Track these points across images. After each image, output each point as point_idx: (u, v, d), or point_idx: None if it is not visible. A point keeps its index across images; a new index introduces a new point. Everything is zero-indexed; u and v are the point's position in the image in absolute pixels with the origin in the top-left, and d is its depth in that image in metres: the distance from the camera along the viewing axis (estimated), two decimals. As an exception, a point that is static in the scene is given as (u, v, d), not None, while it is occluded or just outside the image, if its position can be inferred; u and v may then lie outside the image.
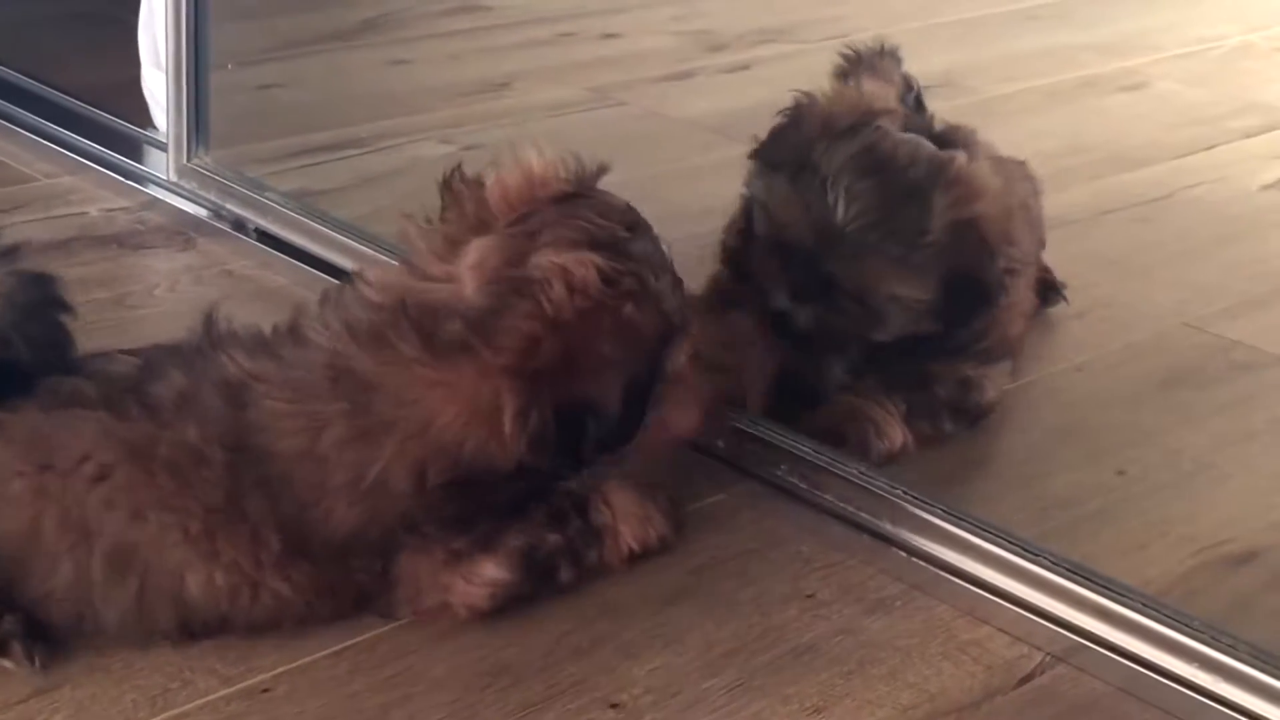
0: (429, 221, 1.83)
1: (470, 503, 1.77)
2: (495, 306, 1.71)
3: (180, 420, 1.73)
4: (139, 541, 1.71)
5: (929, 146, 2.18)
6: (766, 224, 2.18)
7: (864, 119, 2.19)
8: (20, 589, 1.72)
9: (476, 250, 1.75)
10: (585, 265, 1.71)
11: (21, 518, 1.71)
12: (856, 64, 2.48)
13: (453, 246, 1.78)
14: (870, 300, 2.14)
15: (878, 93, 2.29)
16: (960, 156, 2.17)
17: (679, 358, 1.83)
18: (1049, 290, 2.61)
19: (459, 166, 1.85)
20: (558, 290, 1.70)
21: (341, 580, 1.79)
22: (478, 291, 1.73)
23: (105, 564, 1.71)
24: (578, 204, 1.79)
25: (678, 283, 1.84)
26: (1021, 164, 2.56)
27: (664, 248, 1.85)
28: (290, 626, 1.79)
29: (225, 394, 1.74)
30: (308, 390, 1.74)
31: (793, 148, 2.20)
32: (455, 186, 1.83)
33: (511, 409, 1.68)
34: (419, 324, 1.71)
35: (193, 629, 1.76)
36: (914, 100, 2.48)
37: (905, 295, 2.13)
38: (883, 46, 2.53)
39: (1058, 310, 2.63)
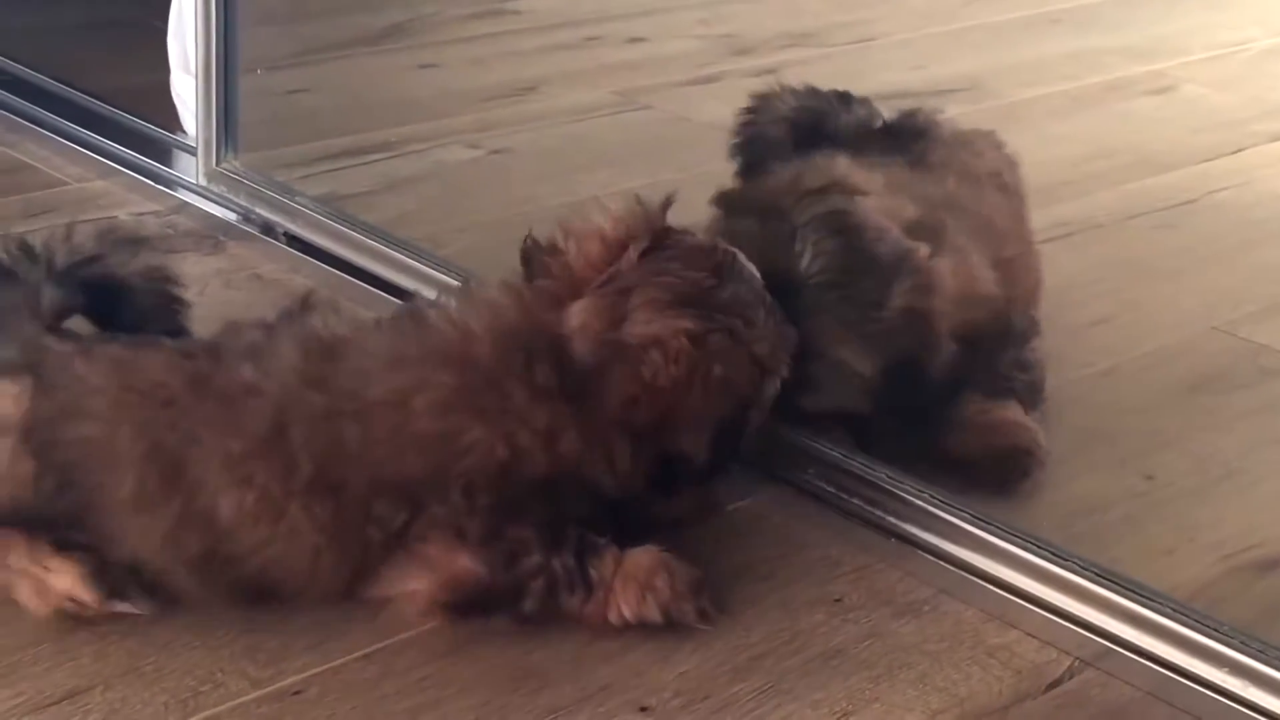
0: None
1: (540, 501, 1.83)
2: (601, 367, 1.83)
3: (239, 363, 1.84)
4: (189, 459, 1.79)
5: (896, 231, 2.17)
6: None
7: (835, 185, 2.20)
8: (94, 509, 1.79)
9: (578, 314, 1.85)
10: (677, 335, 1.82)
11: (101, 427, 1.80)
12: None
13: (556, 301, 1.87)
14: (812, 361, 2.10)
15: (853, 174, 2.28)
16: (924, 249, 2.16)
17: (769, 394, 1.93)
18: None
19: (531, 236, 1.94)
20: (654, 358, 1.82)
21: (355, 530, 1.80)
22: (585, 351, 1.84)
23: (159, 478, 1.78)
24: (660, 256, 1.88)
25: (771, 313, 1.91)
26: (989, 134, 2.56)
27: (754, 276, 1.92)
28: (298, 580, 1.81)
29: (307, 348, 1.85)
30: (417, 360, 1.84)
31: (762, 195, 2.22)
32: (537, 259, 1.91)
33: (620, 457, 1.84)
34: (555, 362, 1.83)
35: (212, 564, 1.80)
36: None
37: (848, 364, 2.12)
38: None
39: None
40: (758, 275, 1.93)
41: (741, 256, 1.93)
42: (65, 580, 1.80)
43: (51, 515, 1.80)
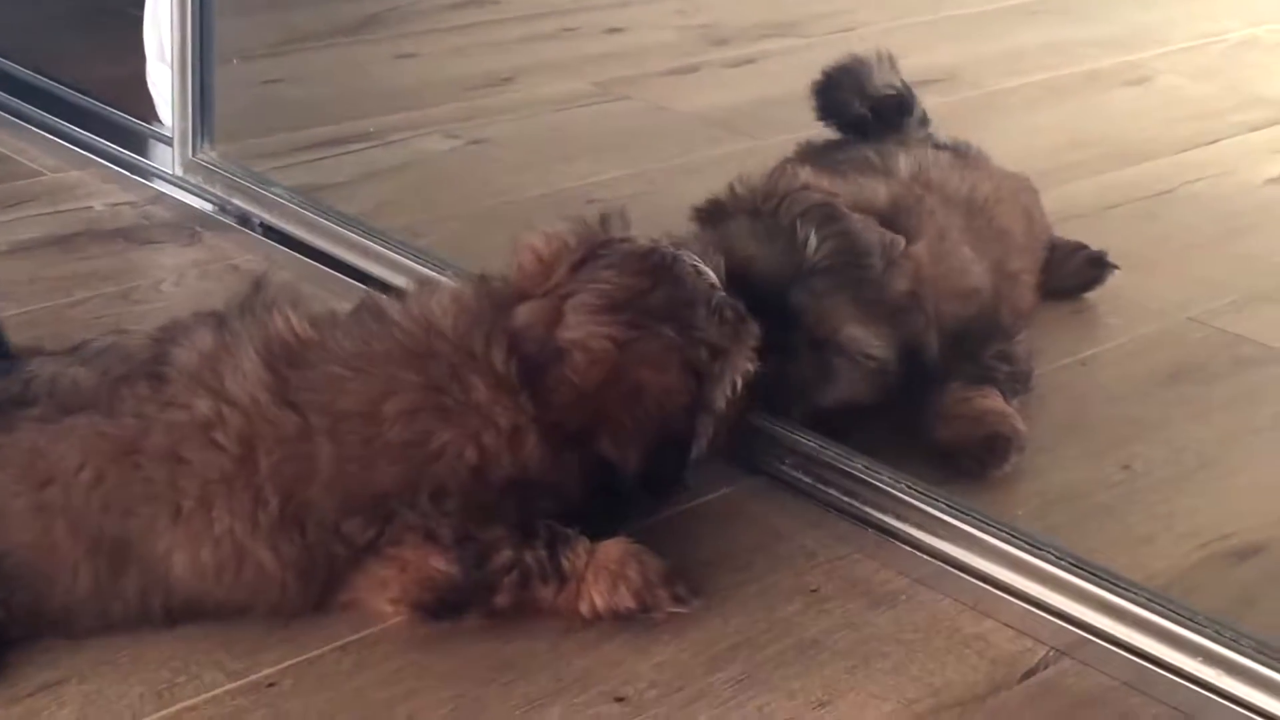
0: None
1: (509, 501, 1.82)
2: (540, 369, 1.83)
3: (191, 392, 1.77)
4: (130, 535, 1.74)
5: (875, 224, 2.21)
6: (726, 263, 2.12)
7: (805, 187, 2.23)
8: (46, 605, 1.74)
9: (522, 315, 1.87)
10: (597, 338, 1.83)
11: (32, 534, 1.73)
12: None
13: (509, 301, 1.89)
14: (829, 346, 2.13)
15: (814, 180, 2.30)
16: (902, 240, 2.20)
17: (723, 389, 1.90)
18: (1096, 264, 2.67)
19: (482, 274, 1.96)
20: (577, 361, 1.82)
21: (321, 551, 1.79)
22: (532, 349, 1.84)
23: (109, 562, 1.74)
24: (594, 265, 1.89)
25: (718, 312, 1.89)
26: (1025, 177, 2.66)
27: (698, 270, 1.91)
28: (264, 608, 1.80)
29: (271, 354, 1.80)
30: (384, 359, 1.82)
31: (741, 200, 2.23)
32: (486, 282, 1.93)
33: (568, 461, 1.84)
34: (511, 348, 1.84)
35: (175, 614, 1.78)
36: None
37: (865, 345, 2.14)
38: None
39: (1063, 306, 2.63)
40: (709, 275, 1.92)
41: (687, 258, 1.92)
42: None
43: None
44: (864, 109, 2.66)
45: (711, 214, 2.25)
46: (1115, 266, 2.66)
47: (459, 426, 1.80)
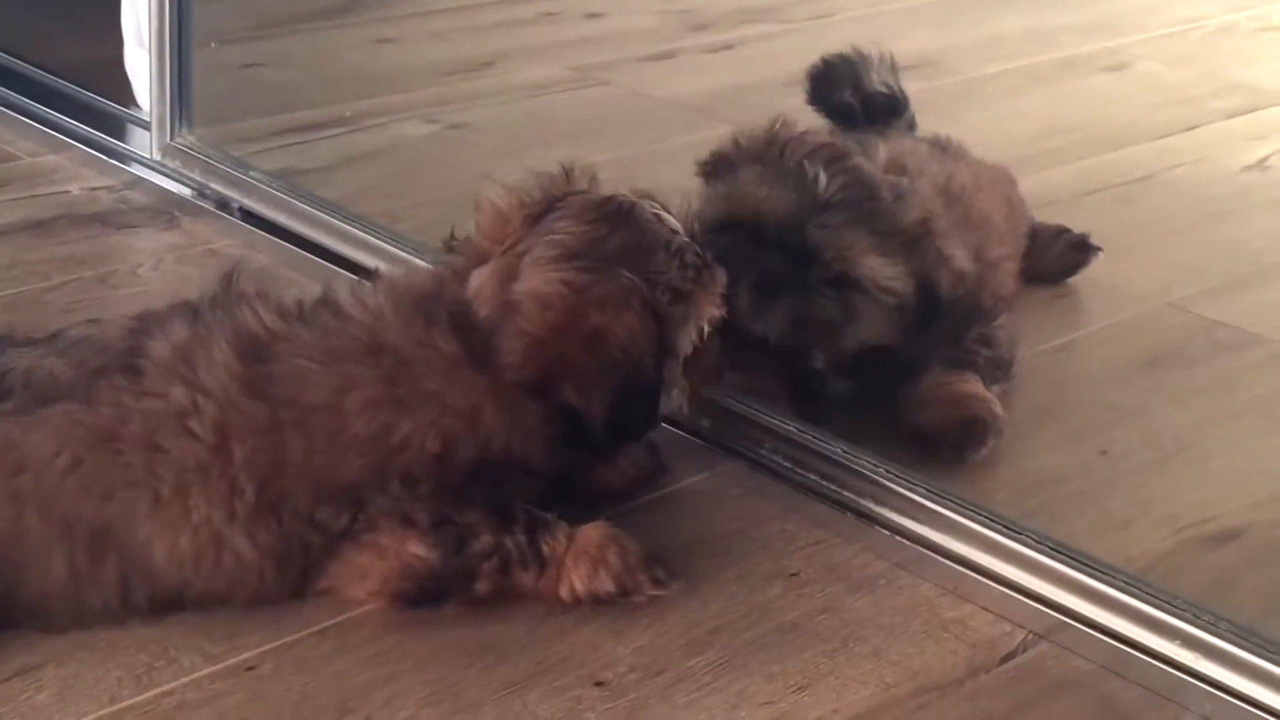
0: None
1: (478, 481, 1.81)
2: (495, 326, 1.82)
3: (166, 382, 1.77)
4: (111, 521, 1.74)
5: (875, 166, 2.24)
6: (737, 211, 2.17)
7: (805, 132, 2.25)
8: (19, 594, 1.73)
9: (476, 279, 1.86)
10: (550, 282, 1.81)
11: (4, 520, 1.72)
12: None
13: (464, 275, 1.88)
14: (848, 281, 2.14)
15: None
16: (905, 179, 2.23)
17: (687, 332, 1.89)
18: (1079, 249, 2.68)
19: (452, 231, 1.96)
20: (529, 309, 1.81)
21: (298, 539, 1.79)
22: (483, 314, 1.83)
23: (87, 549, 1.73)
24: (549, 218, 1.87)
25: (679, 252, 1.87)
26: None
27: (659, 217, 1.89)
28: (242, 596, 1.79)
29: (241, 347, 1.80)
30: (341, 355, 1.81)
31: (742, 154, 2.23)
32: (452, 246, 1.95)
33: (531, 419, 1.82)
34: (454, 325, 1.82)
35: (158, 602, 1.77)
36: None
37: (882, 275, 2.15)
38: None
39: (1041, 291, 2.64)
40: (670, 221, 1.90)
41: (647, 205, 1.90)
42: None
43: None
44: (854, 101, 2.67)
45: (716, 166, 2.25)
46: (1099, 249, 2.67)
47: (416, 417, 1.79)
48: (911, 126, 2.70)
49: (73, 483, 1.73)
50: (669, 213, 1.91)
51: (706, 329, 1.91)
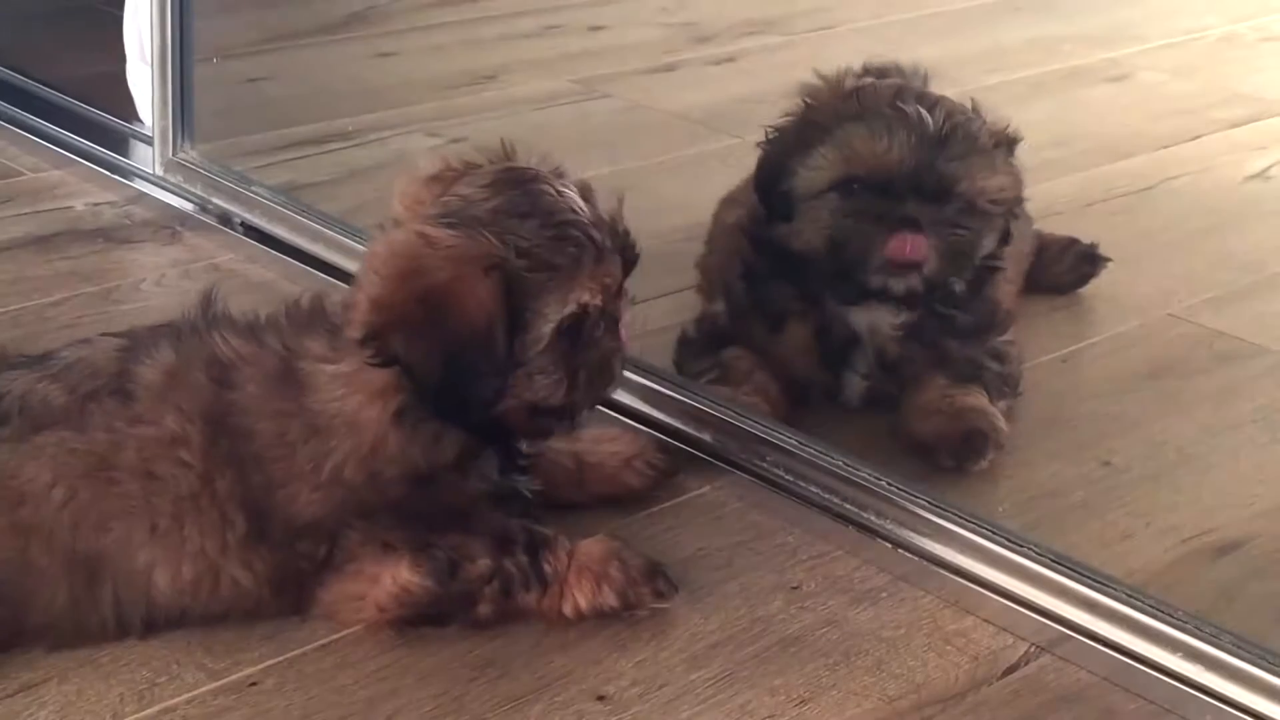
0: None
1: (426, 500, 1.79)
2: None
3: (158, 408, 1.77)
4: (107, 549, 1.74)
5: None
6: (855, 170, 2.17)
7: (862, 75, 2.30)
8: (27, 619, 1.74)
9: (371, 245, 1.82)
10: (408, 234, 1.75)
11: (11, 551, 1.73)
12: None
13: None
14: (980, 202, 2.18)
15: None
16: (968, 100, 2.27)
17: (545, 307, 1.75)
18: (1089, 260, 2.69)
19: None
20: (381, 255, 1.75)
21: (289, 567, 1.79)
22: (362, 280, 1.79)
23: (84, 578, 1.74)
24: (453, 184, 1.81)
25: (561, 225, 1.76)
26: None
27: (559, 191, 1.79)
28: (240, 616, 1.80)
29: (212, 373, 1.79)
30: (273, 385, 1.79)
31: (814, 121, 2.24)
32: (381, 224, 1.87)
33: (377, 381, 1.76)
34: (330, 322, 1.79)
35: (156, 625, 1.78)
36: None
37: (1007, 189, 2.21)
38: None
39: (1043, 302, 2.64)
40: (567, 198, 1.78)
41: (553, 181, 1.80)
42: None
43: None
44: None
45: (807, 132, 2.23)
46: (1108, 259, 2.67)
47: (333, 441, 1.76)
48: None
49: (68, 515, 1.74)
50: (582, 196, 1.80)
51: (578, 311, 1.77)
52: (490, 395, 1.76)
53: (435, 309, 1.71)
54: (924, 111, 2.16)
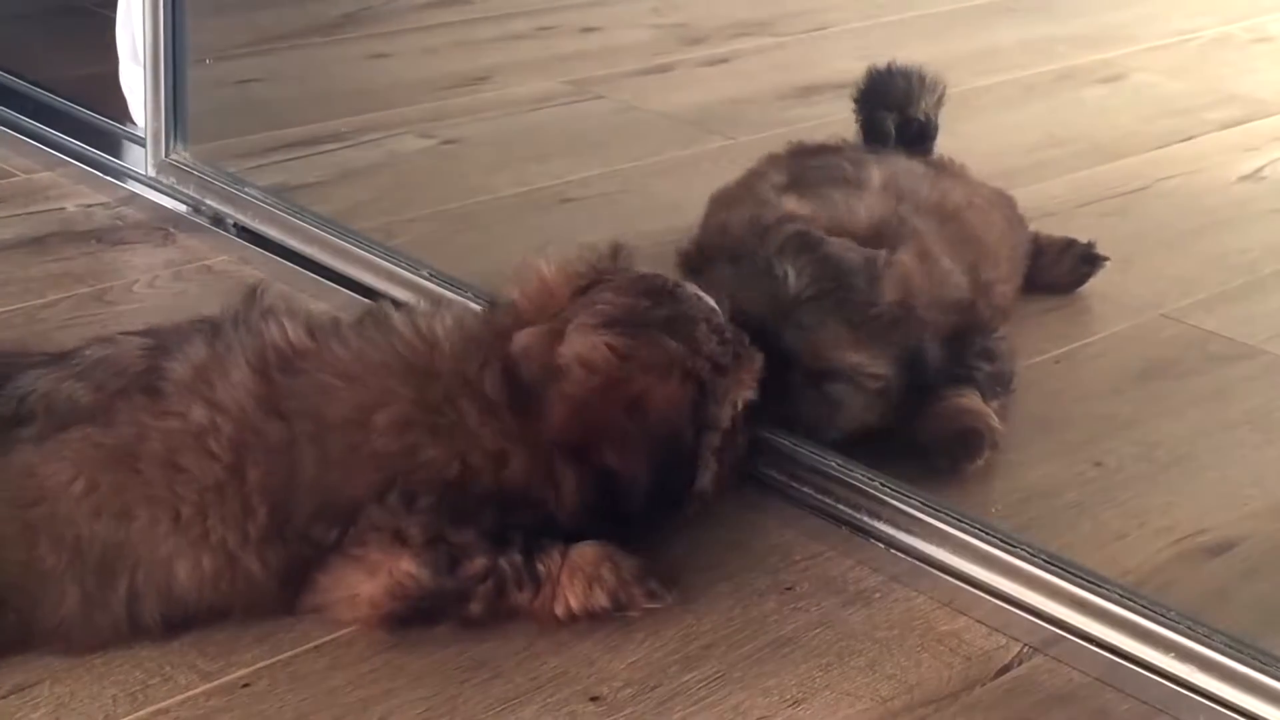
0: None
1: (488, 511, 1.82)
2: (539, 386, 1.84)
3: (186, 401, 1.78)
4: (127, 539, 1.74)
5: (853, 243, 2.22)
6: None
7: (783, 219, 2.25)
8: (36, 623, 1.74)
9: (520, 340, 1.87)
10: (596, 347, 1.82)
11: (20, 553, 1.73)
12: None
13: (509, 331, 1.90)
14: (827, 378, 2.14)
15: (793, 207, 2.32)
16: (882, 253, 2.21)
17: (725, 408, 1.89)
18: (1087, 260, 2.69)
19: (491, 301, 2.03)
20: (575, 373, 1.82)
21: (299, 557, 1.79)
22: (528, 373, 1.84)
23: (96, 571, 1.73)
24: (596, 290, 1.90)
25: (719, 332, 1.90)
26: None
27: (699, 296, 1.92)
28: (241, 611, 1.80)
29: (262, 363, 1.81)
30: (379, 369, 1.83)
31: (720, 243, 2.25)
32: (494, 309, 1.98)
33: (564, 481, 1.84)
34: (505, 374, 1.84)
35: (170, 620, 1.77)
36: None
37: (862, 366, 2.15)
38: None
39: (1036, 303, 2.64)
40: (707, 300, 1.93)
41: (688, 286, 1.94)
42: None
43: None
44: (891, 126, 2.67)
45: (694, 260, 2.27)
46: (1106, 259, 2.68)
47: (446, 445, 1.80)
48: (928, 154, 2.70)
49: (87, 505, 1.73)
50: (707, 295, 1.94)
51: (740, 409, 1.92)
52: (682, 494, 1.89)
53: (640, 419, 1.82)
54: (791, 271, 2.13)
